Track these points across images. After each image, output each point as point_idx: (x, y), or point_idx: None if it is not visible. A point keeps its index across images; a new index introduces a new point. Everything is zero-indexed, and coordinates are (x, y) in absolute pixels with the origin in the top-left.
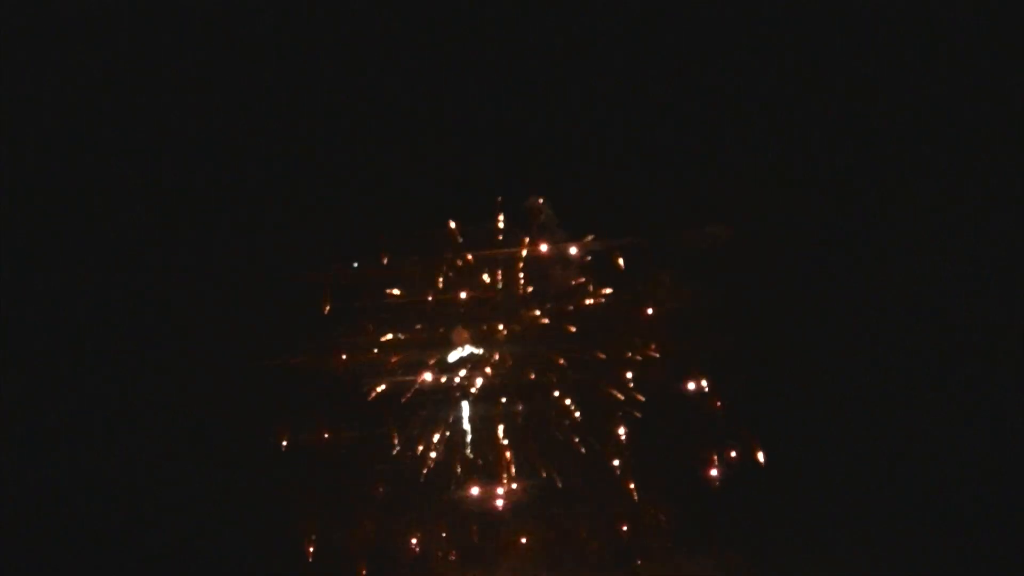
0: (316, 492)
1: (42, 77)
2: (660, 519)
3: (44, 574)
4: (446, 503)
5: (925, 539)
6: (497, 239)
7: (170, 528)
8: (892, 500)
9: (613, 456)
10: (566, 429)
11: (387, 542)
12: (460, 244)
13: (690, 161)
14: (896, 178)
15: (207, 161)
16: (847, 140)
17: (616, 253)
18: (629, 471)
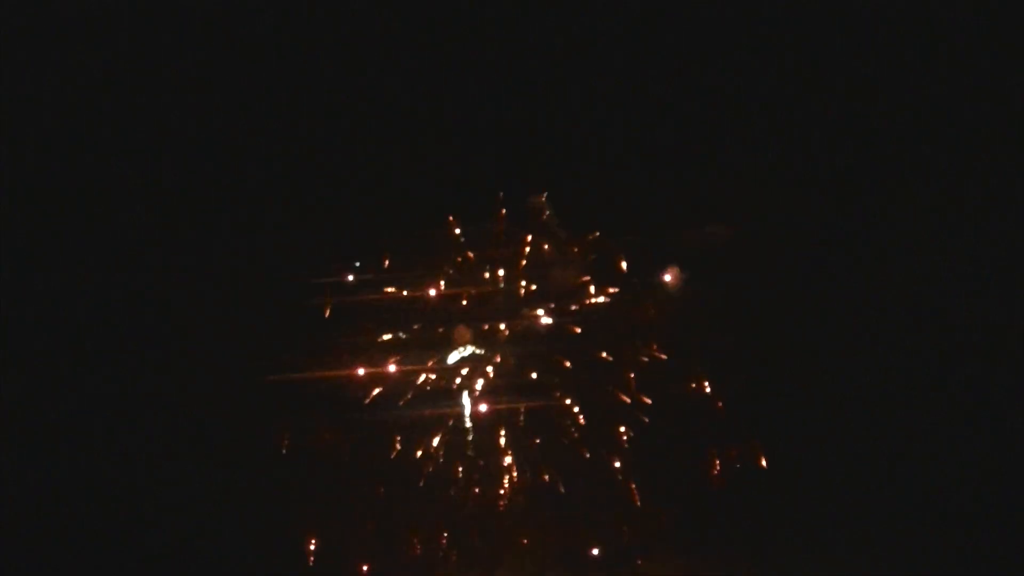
0: (317, 493)
1: (42, 77)
2: (661, 519)
3: (44, 574)
4: (447, 504)
5: (925, 539)
6: (499, 237)
7: (170, 528)
8: (892, 500)
9: (615, 457)
10: (568, 430)
11: (389, 543)
12: (461, 243)
13: (690, 161)
14: (896, 178)
15: (207, 161)
16: (847, 140)
17: (617, 252)
18: (630, 472)
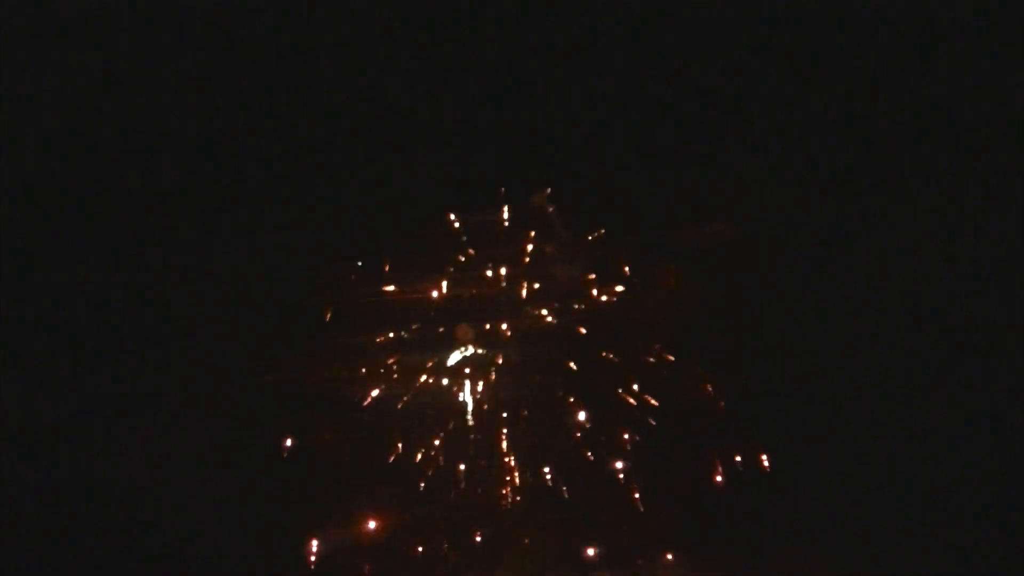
0: (319, 494)
1: (42, 77)
2: (661, 519)
3: (44, 574)
4: (449, 505)
5: (925, 539)
6: (501, 228)
7: (170, 529)
8: (892, 500)
9: (616, 458)
10: (570, 431)
11: (390, 543)
12: (463, 241)
13: (690, 161)
14: (896, 178)
15: (207, 161)
16: (847, 140)
17: (619, 252)
18: (631, 472)
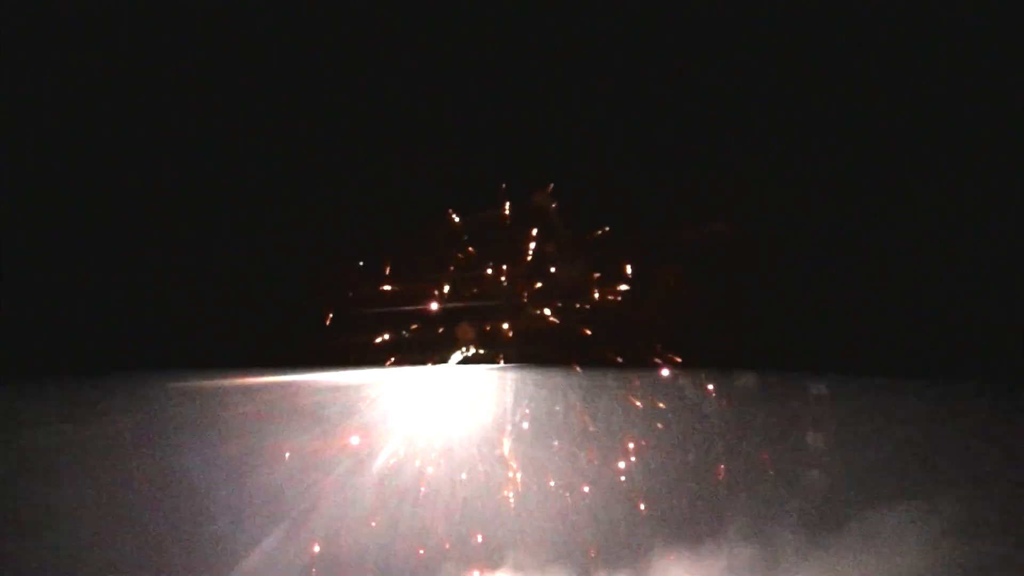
0: (319, 494)
1: (42, 77)
2: (661, 520)
3: (44, 574)
4: (448, 505)
5: (925, 539)
6: (502, 222)
7: (170, 528)
8: (893, 500)
9: (618, 458)
10: (572, 431)
11: (390, 544)
12: (464, 239)
13: (690, 161)
14: (896, 178)
15: (207, 161)
16: (847, 140)
17: (620, 252)
18: (632, 473)
